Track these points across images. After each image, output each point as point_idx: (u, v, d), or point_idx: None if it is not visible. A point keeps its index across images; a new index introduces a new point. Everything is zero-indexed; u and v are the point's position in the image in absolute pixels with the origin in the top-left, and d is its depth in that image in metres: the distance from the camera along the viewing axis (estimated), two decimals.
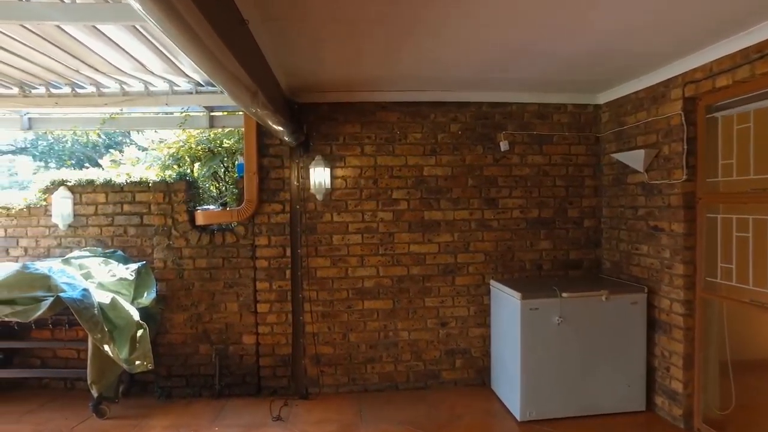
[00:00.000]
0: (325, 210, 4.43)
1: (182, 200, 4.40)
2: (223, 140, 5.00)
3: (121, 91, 4.10)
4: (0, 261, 4.64)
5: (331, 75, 3.86)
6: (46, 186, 4.50)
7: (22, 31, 2.90)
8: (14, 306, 3.71)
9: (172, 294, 4.42)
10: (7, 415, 4.14)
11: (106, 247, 4.47)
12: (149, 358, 3.82)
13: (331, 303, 4.46)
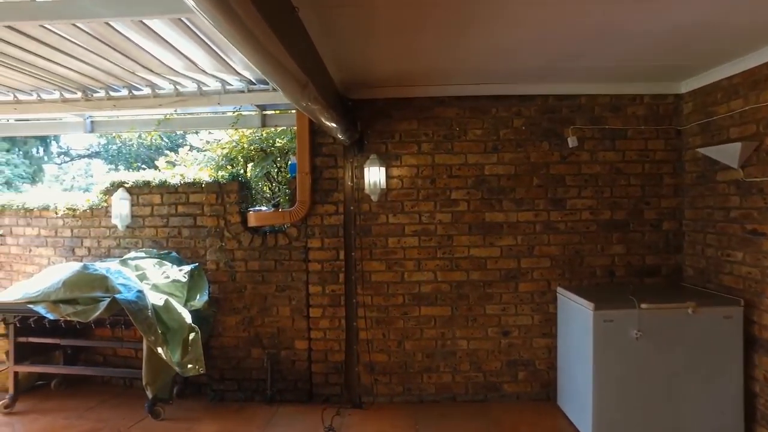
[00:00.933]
0: (380, 211, 4.23)
1: (234, 201, 4.33)
2: (276, 140, 4.91)
3: (175, 91, 4.08)
4: (66, 260, 4.76)
5: (385, 69, 3.66)
6: (106, 188, 4.56)
7: (80, 33, 2.90)
8: (76, 306, 3.75)
9: (224, 296, 4.35)
10: (71, 411, 4.23)
11: (161, 248, 4.47)
12: (201, 362, 3.76)
13: (386, 309, 4.25)
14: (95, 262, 4.21)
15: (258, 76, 3.90)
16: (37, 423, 4.06)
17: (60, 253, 4.81)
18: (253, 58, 1.73)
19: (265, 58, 1.73)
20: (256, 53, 1.68)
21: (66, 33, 2.92)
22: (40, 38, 2.99)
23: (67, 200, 4.77)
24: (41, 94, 4.21)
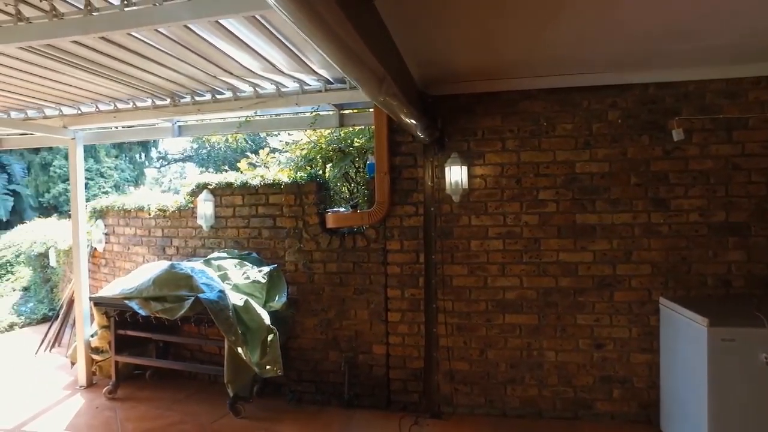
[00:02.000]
0: (462, 212, 4.03)
1: (313, 202, 4.32)
2: (354, 139, 4.86)
3: (255, 93, 4.13)
4: (158, 259, 5.02)
5: (466, 61, 3.45)
6: (192, 189, 4.74)
7: (164, 40, 2.99)
8: (164, 303, 3.91)
9: (302, 298, 4.35)
10: (162, 401, 4.44)
11: (242, 249, 4.57)
12: (279, 364, 3.77)
13: (468, 315, 4.04)
14: (182, 262, 4.38)
15: (335, 75, 3.85)
16: (135, 410, 4.29)
17: (153, 251, 5.07)
18: (328, 49, 1.62)
19: (341, 48, 1.62)
20: (331, 44, 1.57)
21: (153, 41, 3.02)
22: (133, 48, 3.12)
23: (158, 202, 5.02)
24: (136, 102, 4.44)
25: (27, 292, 8.31)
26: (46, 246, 7.91)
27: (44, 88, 3.98)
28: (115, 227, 5.64)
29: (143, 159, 16.44)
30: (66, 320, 6.19)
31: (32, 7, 2.55)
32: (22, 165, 12.96)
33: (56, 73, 3.57)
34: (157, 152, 18.49)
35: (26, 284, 8.41)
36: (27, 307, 7.83)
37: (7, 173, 12.73)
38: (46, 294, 7.99)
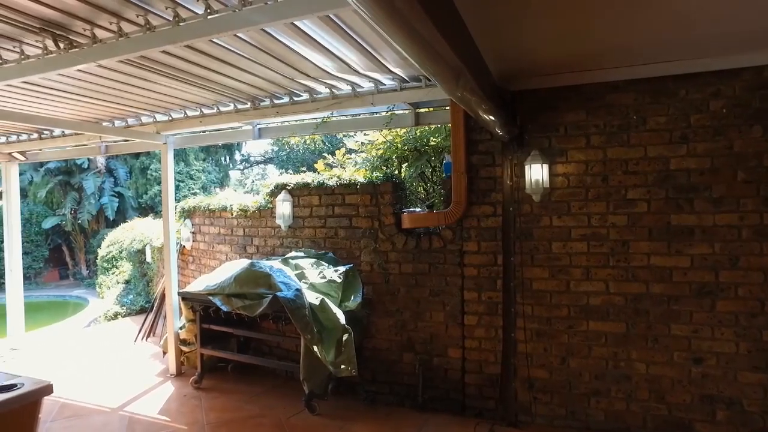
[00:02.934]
0: (542, 213, 3.83)
1: (388, 202, 4.30)
2: (430, 138, 4.78)
3: (331, 94, 4.18)
4: (239, 257, 5.23)
5: (547, 53, 3.26)
6: (271, 190, 4.89)
7: (244, 46, 3.10)
8: (244, 300, 4.05)
9: (377, 299, 4.35)
10: (242, 394, 4.62)
11: (318, 249, 4.64)
12: (353, 364, 3.78)
13: (549, 321, 3.83)
14: (261, 260, 4.52)
15: (410, 73, 3.81)
16: (217, 400, 4.50)
17: (235, 250, 5.30)
18: (406, 44, 1.57)
19: (418, 44, 1.56)
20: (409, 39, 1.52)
21: (233, 47, 3.14)
22: (215, 55, 3.27)
23: (240, 202, 5.24)
24: (220, 107, 4.66)
25: (128, 285, 9.04)
26: (143, 243, 8.55)
27: (140, 97, 4.27)
28: (201, 226, 5.96)
29: (228, 161, 17.36)
30: (159, 312, 6.65)
31: (130, 22, 2.73)
32: (125, 169, 14.16)
33: (150, 82, 3.82)
34: (240, 155, 19.46)
35: (127, 278, 9.14)
36: (128, 299, 8.52)
37: (113, 177, 13.96)
38: (143, 287, 8.63)
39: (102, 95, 4.18)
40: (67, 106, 4.54)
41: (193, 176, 14.11)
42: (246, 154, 20.31)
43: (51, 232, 13.85)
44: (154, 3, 2.56)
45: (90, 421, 4.19)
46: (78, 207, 13.52)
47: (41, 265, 13.91)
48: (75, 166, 13.59)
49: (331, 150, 16.27)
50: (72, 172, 13.68)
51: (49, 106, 4.50)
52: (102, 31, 2.83)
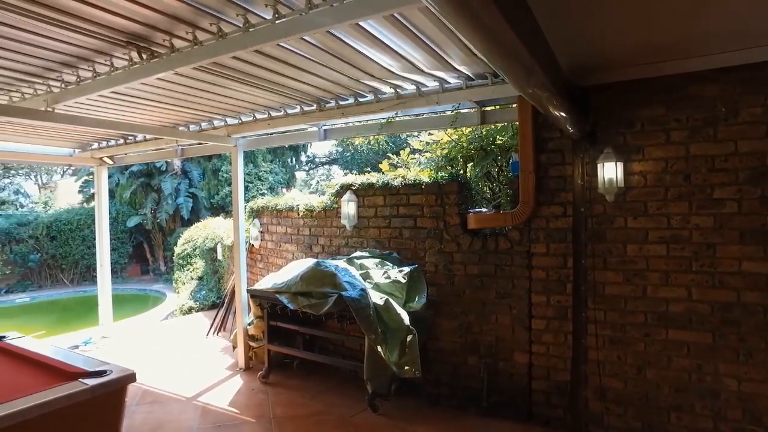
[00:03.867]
0: (616, 213, 3.62)
1: (454, 202, 4.23)
2: (496, 137, 4.66)
3: (395, 94, 4.17)
4: (305, 256, 5.35)
5: (621, 44, 3.07)
6: (336, 190, 4.96)
7: (310, 48, 3.16)
8: (310, 299, 4.13)
9: (442, 300, 4.29)
10: (306, 391, 4.72)
11: (383, 249, 4.65)
12: (417, 365, 3.74)
13: (623, 328, 3.62)
14: (326, 260, 4.59)
15: (476, 71, 3.72)
16: (283, 396, 4.62)
17: (301, 249, 5.42)
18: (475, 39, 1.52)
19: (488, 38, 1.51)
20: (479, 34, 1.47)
21: (300, 50, 3.20)
22: (282, 58, 3.35)
23: (306, 202, 5.35)
24: (287, 109, 4.78)
25: (201, 281, 9.50)
26: (214, 242, 8.95)
27: (212, 102, 4.47)
28: (269, 226, 6.15)
29: (294, 163, 17.84)
30: (229, 308, 6.93)
31: (204, 31, 2.85)
32: (198, 171, 14.91)
33: (221, 87, 3.97)
34: (306, 156, 19.94)
35: (200, 274, 9.61)
36: (201, 294, 8.95)
37: (188, 178, 14.75)
38: (215, 284, 9.04)
39: (178, 101, 4.40)
40: (148, 113, 4.82)
41: (261, 177, 14.63)
42: (311, 156, 20.80)
43: (134, 230, 14.83)
44: (226, 11, 2.65)
45: (168, 408, 4.42)
46: (157, 207, 14.38)
47: (125, 261, 14.93)
48: (155, 168, 14.47)
49: (394, 150, 16.33)
50: (152, 175, 14.58)
51: (133, 113, 4.80)
52: (179, 40, 2.97)
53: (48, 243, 13.80)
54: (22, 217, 14.25)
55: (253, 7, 2.61)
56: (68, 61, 3.34)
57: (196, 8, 2.59)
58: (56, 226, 13.98)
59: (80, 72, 3.51)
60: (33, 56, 3.24)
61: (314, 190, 20.49)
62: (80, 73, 3.53)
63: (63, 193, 21.44)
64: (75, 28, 2.78)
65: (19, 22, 2.70)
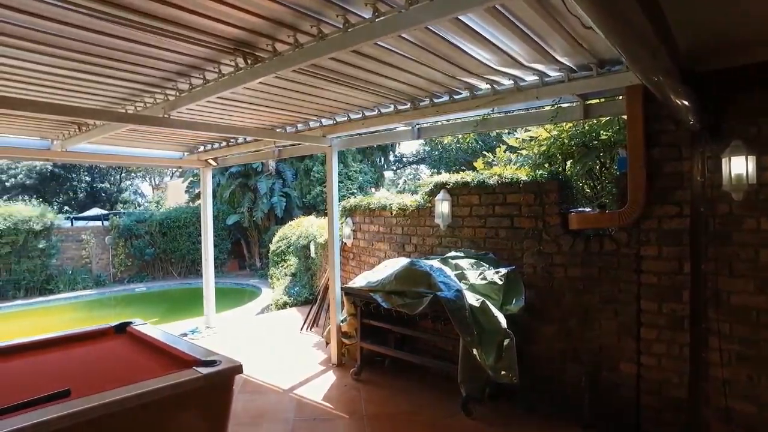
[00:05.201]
0: (745, 213, 3.23)
1: (554, 201, 4.02)
2: (600, 132, 4.36)
3: (492, 90, 4.03)
4: (398, 255, 5.36)
5: (755, 16, 2.71)
6: (430, 189, 4.91)
7: (405, 45, 3.13)
8: (404, 298, 4.12)
9: (540, 303, 4.09)
10: (397, 390, 4.74)
11: (478, 249, 4.53)
12: (514, 371, 3.60)
13: (756, 344, 3.21)
14: (420, 259, 4.55)
15: (579, 62, 3.50)
16: (374, 393, 4.67)
17: (393, 248, 5.43)
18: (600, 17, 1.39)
19: (614, 15, 1.37)
20: (603, 11, 1.34)
21: (396, 48, 3.18)
22: (378, 57, 3.35)
23: (399, 201, 5.35)
24: (381, 108, 4.80)
25: (294, 277, 9.88)
26: (307, 240, 9.27)
27: (308, 103, 4.60)
28: (361, 224, 6.23)
29: (382, 162, 18.07)
30: (322, 305, 7.13)
31: (304, 34, 2.93)
32: (291, 171, 15.56)
33: (317, 88, 4.07)
34: (394, 156, 20.13)
35: (294, 271, 10.00)
36: (294, 290, 9.31)
37: (282, 179, 15.44)
38: (307, 280, 9.36)
39: (277, 103, 4.58)
40: (249, 116, 5.07)
41: (351, 177, 14.95)
42: (399, 155, 20.97)
43: (232, 228, 15.77)
44: (326, 12, 2.69)
45: (266, 398, 4.63)
46: (253, 206, 15.18)
47: (225, 257, 15.94)
48: (251, 169, 15.29)
49: (485, 148, 16.03)
50: (249, 175, 15.42)
51: (235, 117, 5.08)
52: (281, 44, 3.07)
53: (160, 238, 15.07)
54: (139, 215, 15.68)
55: (353, 7, 2.62)
56: (183, 71, 3.59)
57: (298, 11, 2.65)
58: (167, 223, 15.23)
59: (192, 80, 3.76)
60: (154, 68, 3.51)
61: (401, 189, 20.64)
62: (192, 81, 3.78)
63: (172, 193, 23.41)
64: (190, 39, 2.97)
65: (142, 38, 2.93)
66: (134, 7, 2.54)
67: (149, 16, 2.65)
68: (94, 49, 3.10)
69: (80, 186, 23.20)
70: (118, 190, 25.20)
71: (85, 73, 3.56)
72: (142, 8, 2.56)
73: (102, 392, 2.17)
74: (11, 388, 2.53)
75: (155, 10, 2.59)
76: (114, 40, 2.96)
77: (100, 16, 2.62)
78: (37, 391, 2.23)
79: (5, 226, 11.95)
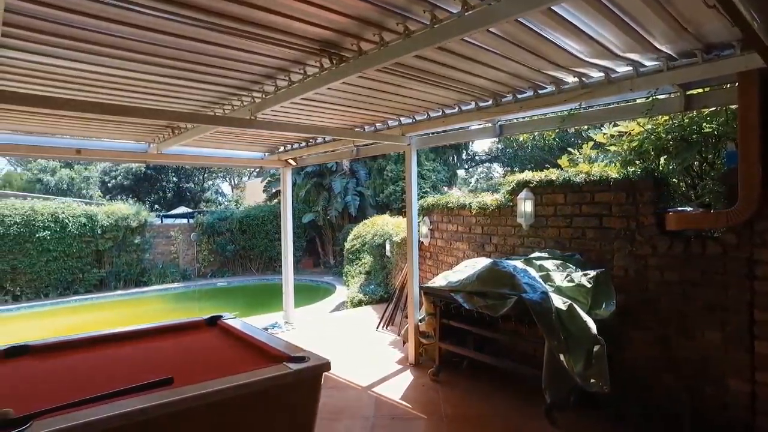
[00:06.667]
0: None
1: (648, 200, 3.76)
2: (702, 124, 4.01)
3: (580, 84, 3.82)
4: (477, 255, 5.24)
5: None
6: (512, 188, 4.76)
7: (489, 38, 3.03)
8: (487, 299, 4.01)
9: (632, 308, 3.84)
10: (476, 393, 4.66)
11: (563, 250, 4.33)
12: (605, 379, 3.38)
13: None
14: (503, 260, 4.42)
15: (681, 48, 3.22)
16: (453, 394, 4.62)
17: (472, 247, 5.32)
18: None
19: None
20: None
21: (481, 42, 3.09)
22: (462, 53, 3.28)
23: (478, 200, 5.24)
24: (461, 106, 4.71)
25: (369, 275, 9.98)
26: (383, 238, 9.32)
27: (388, 102, 4.59)
28: (438, 223, 6.17)
29: (455, 161, 17.86)
30: (398, 304, 7.13)
31: (390, 31, 2.92)
32: (365, 171, 15.78)
33: (398, 87, 4.06)
34: (466, 154, 19.83)
35: (368, 269, 10.10)
36: (369, 288, 9.40)
37: (356, 178, 15.70)
38: (382, 279, 9.42)
39: (357, 103, 4.61)
40: (329, 116, 5.16)
41: (424, 176, 14.90)
42: (471, 153, 20.66)
43: (308, 226, 16.23)
44: (413, 9, 2.66)
45: (345, 394, 4.69)
46: (328, 205, 15.54)
47: (300, 254, 16.45)
48: (326, 169, 15.66)
49: (562, 146, 15.40)
50: (324, 175, 15.80)
51: (316, 117, 5.19)
52: (366, 43, 3.08)
53: (240, 236, 15.81)
54: (221, 213, 16.54)
55: (441, 2, 2.57)
56: (269, 73, 3.70)
57: (385, 9, 2.64)
58: (246, 221, 15.95)
59: (278, 81, 3.87)
60: (243, 71, 3.65)
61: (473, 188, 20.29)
62: (278, 83, 3.89)
63: (250, 193, 24.51)
64: (278, 41, 3.05)
65: (234, 42, 3.04)
66: (227, 12, 2.65)
67: (241, 21, 2.75)
68: (189, 56, 3.27)
69: (168, 186, 24.84)
70: (201, 190, 26.72)
71: (179, 79, 3.77)
72: (235, 13, 2.66)
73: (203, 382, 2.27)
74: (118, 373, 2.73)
75: (247, 14, 2.68)
76: (207, 45, 3.10)
77: (196, 24, 2.76)
78: (141, 377, 2.38)
79: (108, 223, 13.04)
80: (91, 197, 20.89)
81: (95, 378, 2.69)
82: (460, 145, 16.68)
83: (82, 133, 5.70)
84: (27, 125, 5.18)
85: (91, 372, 2.80)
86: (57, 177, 21.92)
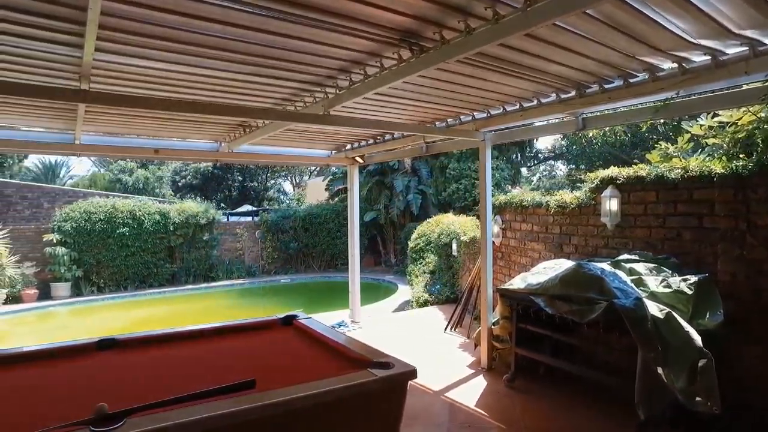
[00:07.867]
0: None
1: (762, 198, 3.36)
2: None
3: (679, 70, 3.47)
4: (555, 256, 4.95)
5: None
6: (595, 185, 4.44)
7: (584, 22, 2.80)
8: (571, 304, 3.75)
9: (742, 319, 3.45)
10: (556, 402, 4.39)
11: (655, 252, 3.98)
12: (715, 398, 3.03)
13: None
14: (588, 262, 4.13)
15: None
16: (530, 403, 4.39)
17: (549, 248, 5.04)
18: None
19: None
20: None
21: (571, 25, 2.86)
22: (547, 38, 3.05)
23: (557, 198, 4.94)
24: (540, 98, 4.45)
25: (434, 275, 9.80)
26: (450, 237, 9.11)
27: (462, 95, 4.41)
28: (511, 223, 5.90)
29: (518, 158, 17.31)
30: (466, 305, 6.92)
31: (476, 18, 2.74)
32: (427, 169, 15.58)
33: (474, 79, 3.86)
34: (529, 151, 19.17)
35: (433, 268, 9.92)
36: (434, 288, 9.23)
37: (417, 176, 15.53)
38: (449, 279, 9.21)
39: (430, 97, 4.46)
40: (399, 112, 5.03)
41: None
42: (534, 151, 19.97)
43: (369, 224, 16.23)
44: None
45: (418, 399, 4.53)
46: (389, 203, 15.47)
47: (362, 252, 16.44)
48: (387, 167, 15.59)
49: (635, 142, 14.52)
50: (385, 173, 15.74)
51: (387, 113, 5.07)
52: (449, 31, 2.92)
53: (303, 234, 16.06)
54: (284, 211, 16.87)
55: None
56: (344, 66, 3.61)
57: None
58: (308, 219, 16.18)
59: (352, 76, 3.78)
60: (318, 66, 3.58)
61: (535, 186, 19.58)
62: (352, 77, 3.80)
63: (311, 191, 24.92)
64: (356, 31, 2.95)
65: (311, 34, 2.97)
66: (312, 3, 2.57)
67: (324, 12, 2.68)
68: (266, 50, 3.25)
69: (234, 185, 25.70)
70: (265, 189, 27.44)
71: (257, 76, 3.77)
72: (320, 4, 2.59)
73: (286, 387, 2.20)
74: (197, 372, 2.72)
75: (329, 5, 2.60)
76: (288, 40, 3.05)
77: (283, 17, 2.72)
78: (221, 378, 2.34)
79: (179, 221, 13.62)
80: (164, 196, 21.97)
81: (177, 376, 2.70)
82: (524, 142, 16.13)
83: (160, 133, 5.90)
84: (112, 126, 5.42)
85: (172, 370, 2.82)
86: (134, 177, 23.22)
